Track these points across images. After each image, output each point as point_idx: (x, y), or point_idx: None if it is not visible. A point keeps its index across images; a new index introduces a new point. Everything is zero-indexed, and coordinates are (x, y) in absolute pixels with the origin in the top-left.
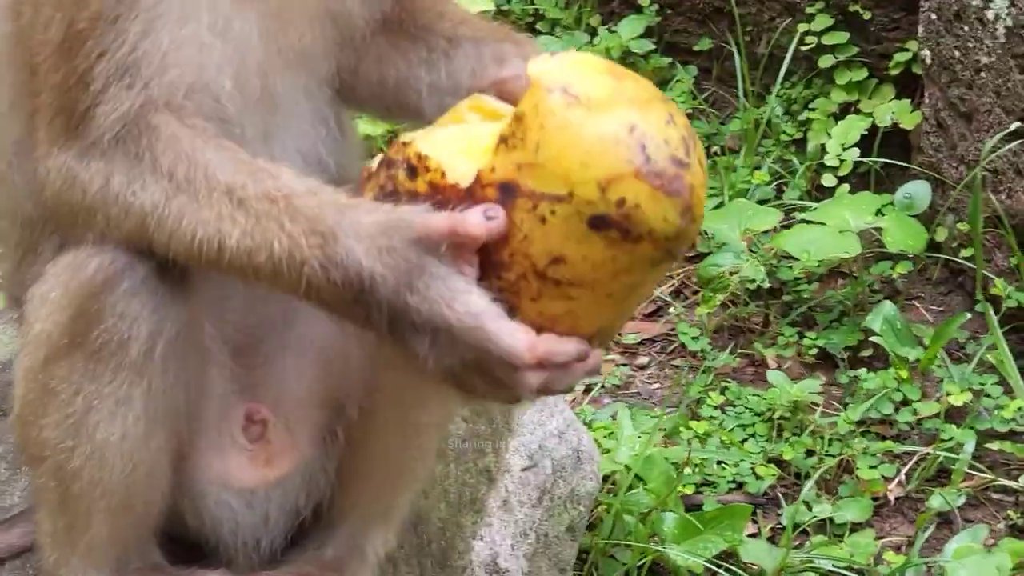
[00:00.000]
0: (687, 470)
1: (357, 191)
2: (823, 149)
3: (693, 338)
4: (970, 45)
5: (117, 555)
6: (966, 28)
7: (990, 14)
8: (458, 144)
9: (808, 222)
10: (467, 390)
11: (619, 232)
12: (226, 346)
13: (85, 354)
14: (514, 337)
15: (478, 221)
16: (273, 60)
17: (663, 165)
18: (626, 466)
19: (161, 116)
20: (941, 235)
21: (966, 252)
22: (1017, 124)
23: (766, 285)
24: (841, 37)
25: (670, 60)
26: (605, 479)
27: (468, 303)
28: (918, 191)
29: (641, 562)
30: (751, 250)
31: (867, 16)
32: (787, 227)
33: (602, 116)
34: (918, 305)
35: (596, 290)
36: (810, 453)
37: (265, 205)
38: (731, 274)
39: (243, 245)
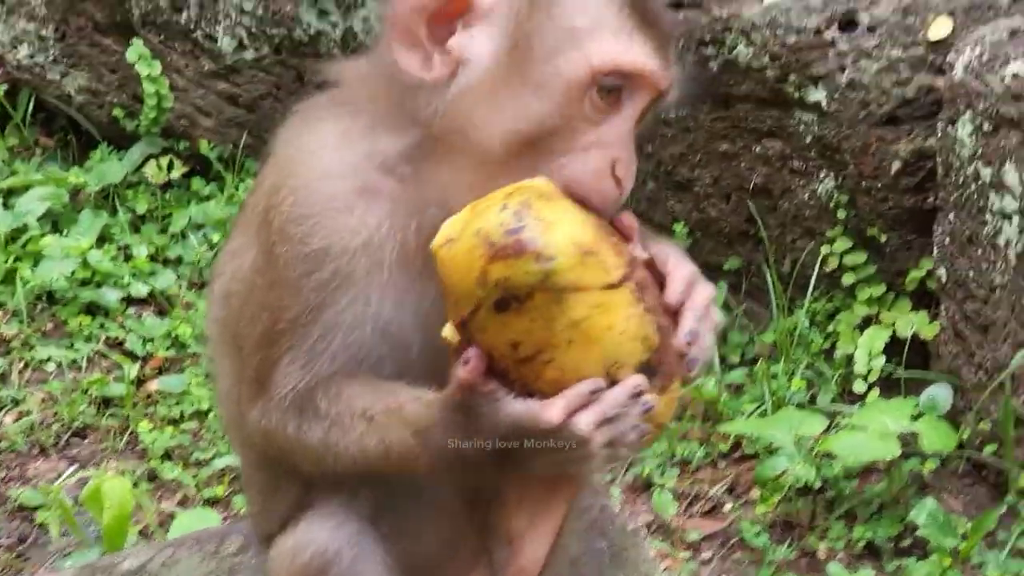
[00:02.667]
0: None
1: None
2: (849, 358)
3: (755, 534)
4: (984, 267)
5: None
6: (979, 251)
7: (1001, 240)
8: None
9: (852, 427)
10: (561, 469)
11: (516, 302)
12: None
13: None
14: (532, 408)
15: (463, 371)
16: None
17: (503, 242)
18: None
19: (323, 383)
20: (964, 433)
21: (988, 448)
22: None
23: (816, 484)
24: (860, 258)
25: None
26: None
27: (503, 413)
28: (939, 394)
29: None
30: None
31: (883, 239)
32: (826, 431)
33: (463, 239)
34: (946, 497)
35: (556, 346)
36: None
37: (387, 418)
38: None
39: (377, 451)
